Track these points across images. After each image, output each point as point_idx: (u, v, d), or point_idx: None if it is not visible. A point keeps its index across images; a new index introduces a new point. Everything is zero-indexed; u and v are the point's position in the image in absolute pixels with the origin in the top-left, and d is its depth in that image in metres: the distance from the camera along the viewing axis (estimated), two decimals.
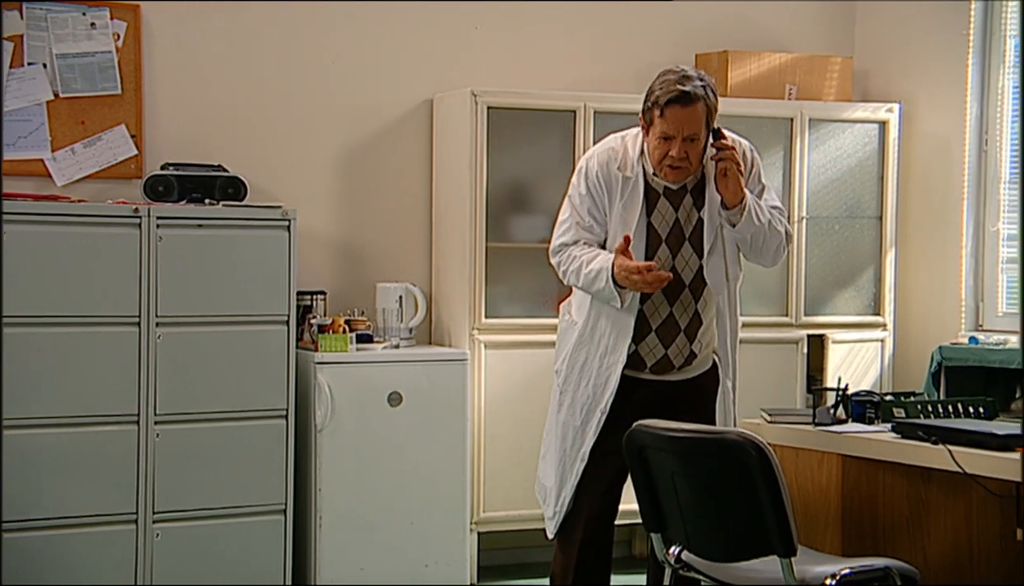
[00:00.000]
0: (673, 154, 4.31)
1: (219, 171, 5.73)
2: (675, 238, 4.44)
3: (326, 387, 5.59)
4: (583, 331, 4.51)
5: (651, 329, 4.45)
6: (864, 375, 6.55)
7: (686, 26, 6.75)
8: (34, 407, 5.18)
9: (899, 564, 3.97)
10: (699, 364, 4.52)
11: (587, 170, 4.50)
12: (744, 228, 4.37)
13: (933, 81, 6.72)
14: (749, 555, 3.90)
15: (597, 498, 4.47)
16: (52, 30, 5.72)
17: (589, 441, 4.46)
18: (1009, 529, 4.62)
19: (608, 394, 4.44)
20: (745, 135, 6.29)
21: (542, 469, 4.66)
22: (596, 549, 4.49)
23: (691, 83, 4.31)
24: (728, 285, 4.50)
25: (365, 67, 6.26)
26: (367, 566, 5.68)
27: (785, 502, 3.75)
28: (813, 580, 3.85)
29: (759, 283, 6.46)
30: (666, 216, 4.43)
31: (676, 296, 4.46)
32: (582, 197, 4.49)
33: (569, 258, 4.47)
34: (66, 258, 5.23)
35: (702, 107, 4.31)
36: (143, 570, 5.34)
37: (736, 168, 4.33)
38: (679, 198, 4.43)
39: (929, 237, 6.73)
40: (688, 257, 4.45)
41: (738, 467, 3.77)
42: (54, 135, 5.74)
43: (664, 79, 4.35)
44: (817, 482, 4.54)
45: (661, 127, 4.31)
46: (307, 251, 6.04)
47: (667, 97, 4.29)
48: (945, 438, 4.16)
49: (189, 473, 5.40)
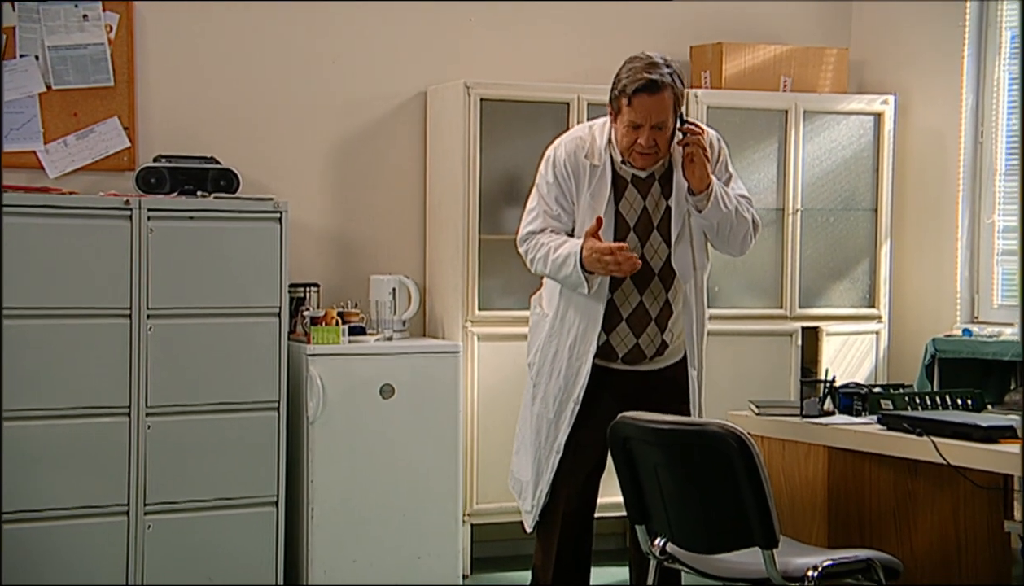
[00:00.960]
0: (642, 142, 4.31)
1: (211, 163, 5.73)
2: (643, 226, 4.43)
3: (318, 379, 5.59)
4: (553, 322, 4.51)
5: (622, 318, 4.45)
6: (859, 367, 6.54)
7: (680, 18, 6.73)
8: (25, 399, 5.18)
9: (882, 556, 3.96)
10: (671, 354, 4.52)
11: (555, 159, 4.49)
12: (711, 214, 4.36)
13: (929, 73, 6.71)
14: (731, 547, 3.89)
15: (575, 489, 4.47)
16: (44, 22, 5.72)
17: (563, 433, 4.46)
18: (996, 521, 4.63)
19: (580, 385, 4.44)
20: (739, 127, 6.36)
21: (516, 463, 4.65)
22: (576, 540, 4.49)
23: (658, 71, 4.29)
24: (695, 274, 4.49)
25: (359, 59, 6.26)
26: (359, 558, 5.68)
27: (767, 494, 3.74)
28: (795, 571, 3.84)
29: (754, 275, 6.46)
30: (634, 204, 4.42)
31: (646, 285, 4.45)
32: (549, 186, 4.48)
33: (536, 245, 4.46)
34: (57, 250, 5.23)
35: (669, 95, 4.30)
36: (134, 562, 5.34)
37: (702, 153, 4.32)
38: (647, 186, 4.43)
39: (925, 229, 6.72)
40: (657, 245, 4.44)
41: (720, 459, 3.76)
42: (46, 127, 5.75)
43: (631, 67, 4.34)
44: (804, 474, 4.53)
45: (629, 116, 4.31)
46: (301, 243, 6.05)
47: (635, 86, 4.28)
48: (929, 430, 4.14)
49: (180, 465, 5.40)
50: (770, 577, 3.81)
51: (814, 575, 3.80)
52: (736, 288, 6.45)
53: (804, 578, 3.81)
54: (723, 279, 6.38)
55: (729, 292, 6.41)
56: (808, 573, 3.81)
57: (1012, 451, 3.96)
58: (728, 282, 6.41)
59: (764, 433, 4.67)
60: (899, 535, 4.53)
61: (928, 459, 4.14)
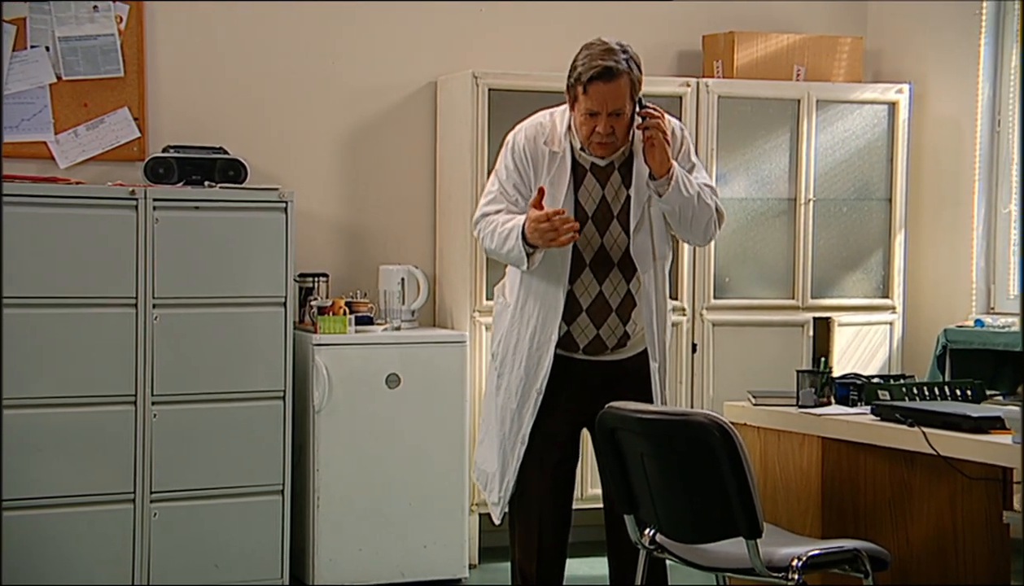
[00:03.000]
0: (600, 130, 4.27)
1: (219, 153, 5.76)
2: (602, 215, 4.39)
3: (324, 369, 5.61)
4: (515, 312, 4.47)
5: (582, 309, 4.41)
6: (872, 358, 6.50)
7: (694, 6, 6.71)
8: (32, 387, 5.23)
9: (870, 546, 3.94)
10: (633, 345, 4.46)
11: (514, 144, 4.46)
12: (672, 198, 4.30)
13: (945, 61, 6.65)
14: (716, 537, 3.89)
15: (547, 478, 4.44)
16: (55, 13, 5.76)
17: (527, 423, 4.42)
18: (995, 512, 4.59)
19: (542, 375, 4.40)
20: (750, 116, 6.34)
21: (480, 455, 4.61)
22: (555, 530, 4.45)
23: (613, 57, 4.24)
24: (655, 264, 4.42)
25: (369, 49, 6.27)
26: (365, 547, 5.69)
27: (750, 484, 3.73)
28: (780, 562, 3.83)
29: (765, 266, 6.43)
30: (593, 193, 4.38)
31: (605, 275, 4.40)
32: (508, 171, 4.44)
33: (487, 223, 4.42)
34: (64, 239, 5.27)
35: (626, 81, 4.25)
36: (140, 549, 5.37)
37: (663, 137, 4.26)
38: (606, 175, 4.39)
39: (940, 219, 6.67)
40: (616, 235, 4.39)
41: (703, 448, 3.75)
42: (57, 118, 5.79)
43: (587, 53, 4.28)
44: (798, 465, 4.51)
45: (586, 104, 4.26)
46: (311, 233, 6.08)
47: (589, 73, 4.23)
48: (920, 420, 4.12)
49: (186, 453, 5.43)
50: (754, 567, 3.80)
51: (798, 565, 3.79)
52: (747, 278, 6.42)
53: (788, 568, 3.80)
54: (734, 269, 6.36)
55: (740, 282, 6.39)
56: (792, 563, 3.80)
57: (1001, 442, 3.93)
58: (739, 272, 6.38)
59: (760, 423, 4.66)
60: (895, 526, 4.51)
61: (918, 450, 4.11)
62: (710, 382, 6.29)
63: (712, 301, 6.31)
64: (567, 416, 4.40)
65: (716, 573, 4.12)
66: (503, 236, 4.34)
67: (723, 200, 6.21)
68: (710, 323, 6.29)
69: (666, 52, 6.69)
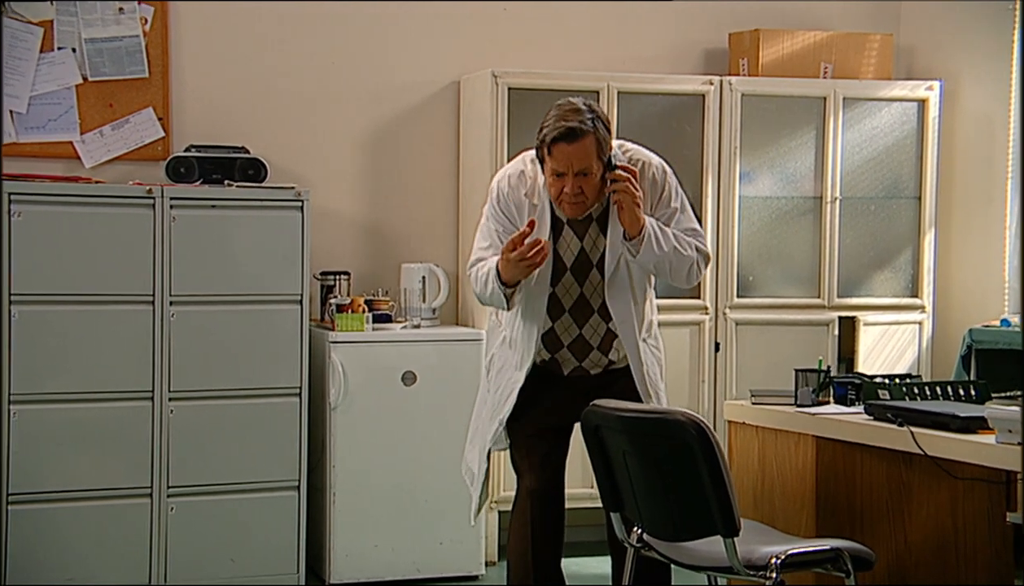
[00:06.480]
0: (567, 190, 4.22)
1: (241, 153, 5.82)
2: (580, 265, 4.38)
3: (340, 366, 5.65)
4: (503, 339, 4.56)
5: (563, 345, 4.45)
6: (900, 358, 6.43)
7: (720, 5, 6.67)
8: (51, 383, 5.33)
9: (852, 545, 3.91)
10: (619, 363, 4.49)
11: (497, 192, 4.45)
12: (645, 257, 4.28)
13: (978, 58, 6.58)
14: (695, 535, 3.88)
15: (535, 469, 4.46)
16: (81, 15, 5.85)
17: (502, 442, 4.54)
18: (998, 513, 4.53)
19: (507, 409, 4.46)
20: (775, 114, 6.29)
21: (469, 452, 4.66)
22: (551, 520, 4.46)
23: (578, 117, 4.18)
24: (635, 308, 4.41)
25: (393, 48, 6.30)
26: (380, 544, 5.73)
27: (726, 482, 3.71)
28: (759, 560, 3.81)
29: (791, 264, 6.39)
30: (571, 245, 4.38)
31: (585, 320, 4.43)
32: (494, 218, 4.45)
33: (476, 270, 4.43)
34: (82, 238, 5.36)
35: (591, 141, 4.18)
36: (158, 543, 5.45)
37: (631, 199, 4.21)
38: (584, 227, 4.37)
39: (971, 217, 6.58)
40: (596, 284, 4.39)
41: (681, 446, 3.74)
42: (83, 118, 5.88)
43: (554, 114, 4.25)
44: (794, 464, 4.48)
45: (552, 164, 4.22)
46: (333, 232, 6.13)
47: (553, 134, 4.19)
48: (910, 419, 4.07)
49: (203, 449, 5.50)
50: (732, 565, 3.78)
51: (776, 563, 3.76)
52: (773, 277, 6.38)
53: (767, 566, 3.78)
54: (759, 268, 6.33)
55: (765, 281, 6.35)
56: (771, 561, 3.77)
57: (986, 442, 3.87)
58: (764, 271, 6.35)
59: (758, 422, 4.63)
60: (892, 526, 4.46)
61: (907, 449, 4.07)
62: (733, 381, 6.25)
63: (735, 300, 6.27)
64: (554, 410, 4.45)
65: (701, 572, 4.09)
66: (484, 280, 4.36)
67: (747, 198, 6.28)
68: (733, 322, 6.26)
69: (692, 50, 6.66)
